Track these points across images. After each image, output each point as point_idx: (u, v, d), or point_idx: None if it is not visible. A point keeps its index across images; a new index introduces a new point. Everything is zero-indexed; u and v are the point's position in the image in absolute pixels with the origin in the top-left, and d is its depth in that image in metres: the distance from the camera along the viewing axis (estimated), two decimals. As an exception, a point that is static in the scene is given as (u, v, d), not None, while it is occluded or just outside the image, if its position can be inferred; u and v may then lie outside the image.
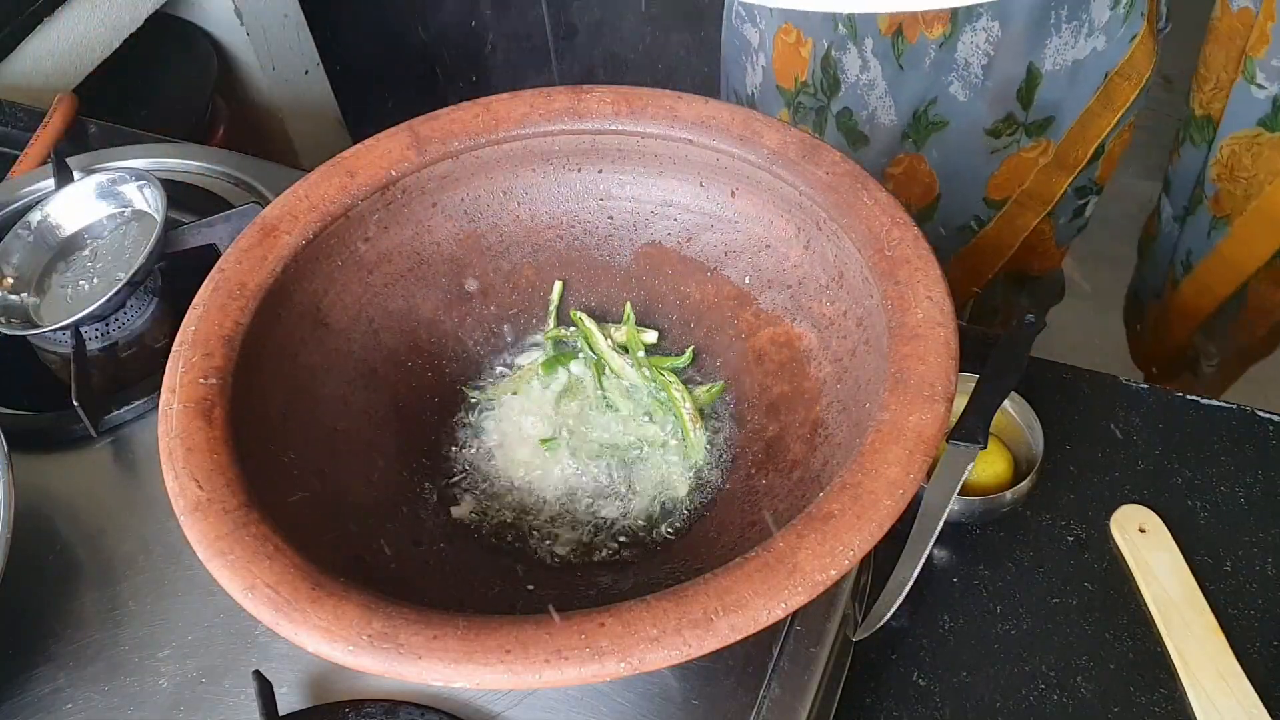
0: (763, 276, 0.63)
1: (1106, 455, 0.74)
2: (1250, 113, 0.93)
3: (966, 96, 0.93)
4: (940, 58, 0.91)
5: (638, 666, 0.41)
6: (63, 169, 0.84)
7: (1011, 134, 0.95)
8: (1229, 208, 0.99)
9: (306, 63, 1.45)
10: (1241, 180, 0.96)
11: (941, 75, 0.92)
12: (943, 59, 0.91)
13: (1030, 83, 0.91)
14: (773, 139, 0.59)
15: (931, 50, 0.90)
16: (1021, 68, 0.90)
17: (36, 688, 0.59)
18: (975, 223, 1.02)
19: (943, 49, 0.90)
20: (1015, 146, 0.96)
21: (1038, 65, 0.90)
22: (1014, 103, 0.93)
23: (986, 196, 0.99)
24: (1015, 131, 0.95)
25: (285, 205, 0.58)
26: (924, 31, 0.89)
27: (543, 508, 0.60)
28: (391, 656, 0.41)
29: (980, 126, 0.94)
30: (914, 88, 0.93)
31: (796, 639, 0.56)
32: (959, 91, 0.93)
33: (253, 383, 0.53)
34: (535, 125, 0.62)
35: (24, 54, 1.08)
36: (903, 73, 0.93)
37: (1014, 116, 0.94)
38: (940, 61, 0.91)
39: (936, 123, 0.95)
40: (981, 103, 0.93)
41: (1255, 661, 0.64)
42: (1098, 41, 0.89)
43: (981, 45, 0.89)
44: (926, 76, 0.92)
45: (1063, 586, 0.68)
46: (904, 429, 0.47)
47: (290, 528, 0.46)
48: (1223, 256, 1.01)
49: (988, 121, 0.94)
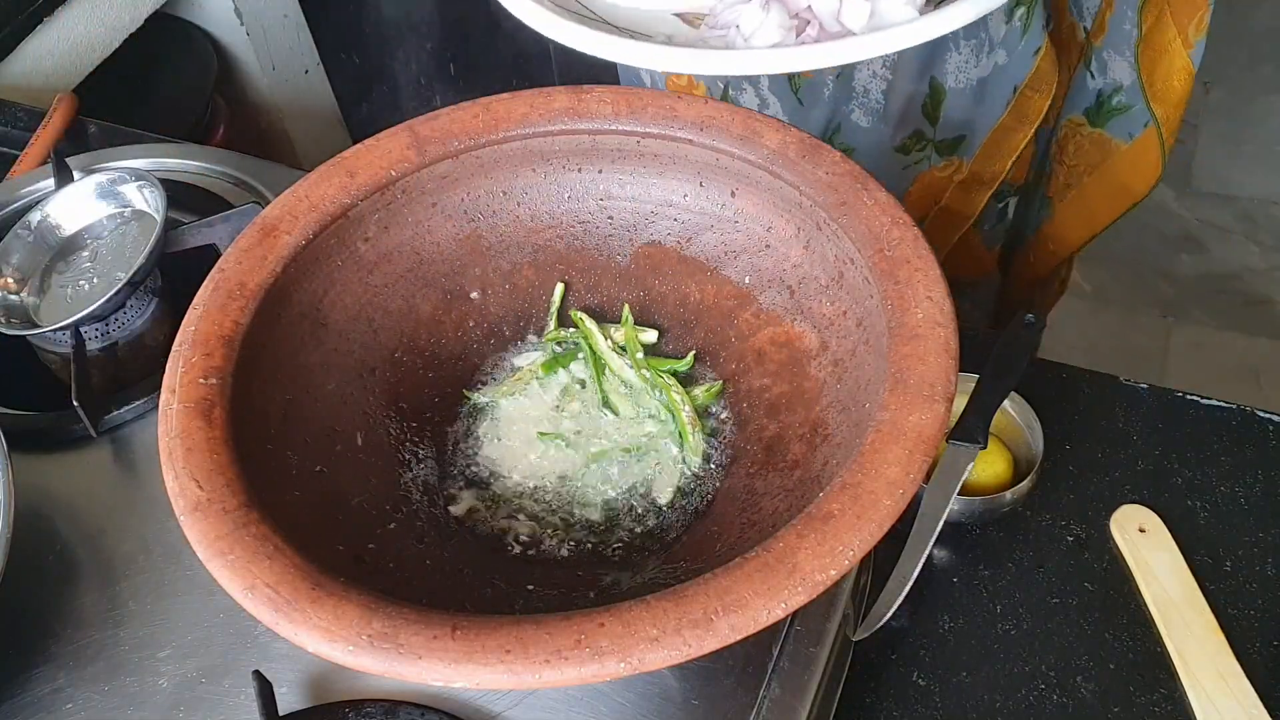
0: (763, 276, 0.63)
1: (1106, 455, 0.74)
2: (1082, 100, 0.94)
3: (869, 122, 0.93)
4: (838, 89, 0.91)
5: (638, 666, 0.41)
6: (63, 169, 0.84)
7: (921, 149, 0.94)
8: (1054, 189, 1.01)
9: (306, 63, 1.45)
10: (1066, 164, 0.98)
11: (841, 105, 0.92)
12: (840, 90, 0.91)
13: (935, 98, 0.91)
14: (773, 139, 0.59)
15: (829, 83, 0.90)
16: (924, 84, 0.90)
17: (36, 688, 0.59)
18: None
19: (839, 80, 0.90)
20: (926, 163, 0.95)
21: (940, 80, 0.90)
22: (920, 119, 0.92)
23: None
24: (925, 148, 0.94)
25: (285, 205, 0.58)
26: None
27: (542, 508, 0.60)
28: (391, 656, 0.41)
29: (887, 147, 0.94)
30: (816, 120, 0.93)
31: (796, 639, 0.56)
32: (860, 119, 0.93)
33: (253, 383, 0.53)
34: (535, 125, 0.62)
35: (24, 54, 1.08)
36: (802, 107, 0.93)
37: (922, 133, 0.93)
38: (839, 93, 0.91)
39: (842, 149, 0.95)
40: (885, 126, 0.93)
41: (1255, 661, 0.64)
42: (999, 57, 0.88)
43: (879, 71, 0.89)
44: (827, 107, 0.92)
45: (1063, 586, 0.68)
46: (904, 429, 0.47)
47: (290, 528, 0.46)
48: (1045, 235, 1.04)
49: (895, 140, 0.94)
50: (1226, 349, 1.87)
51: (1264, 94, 2.27)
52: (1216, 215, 2.07)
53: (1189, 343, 1.88)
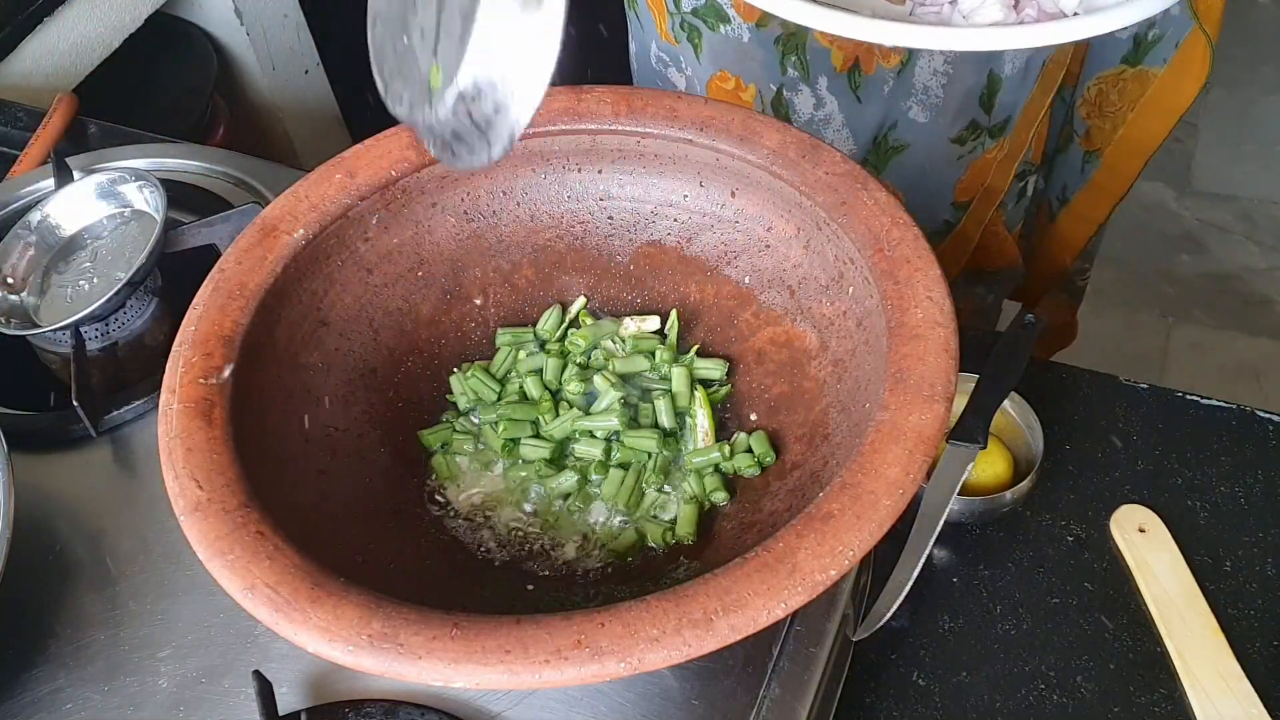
0: (763, 276, 0.63)
1: (1106, 455, 0.74)
2: (1114, 53, 0.96)
3: (927, 118, 0.93)
4: (897, 85, 0.91)
5: (638, 666, 0.41)
6: (63, 169, 0.84)
7: (976, 139, 0.96)
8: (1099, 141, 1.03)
9: (306, 63, 1.45)
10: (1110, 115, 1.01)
11: (900, 101, 0.92)
12: (900, 86, 0.91)
13: (991, 89, 0.92)
14: (772, 139, 0.59)
15: (889, 79, 0.90)
16: (982, 77, 0.91)
17: (36, 688, 0.59)
18: (945, 226, 1.03)
19: (900, 76, 0.90)
20: (979, 150, 0.97)
21: (997, 73, 0.91)
22: (977, 109, 0.93)
23: (954, 200, 1.00)
24: (979, 135, 0.96)
25: (285, 205, 0.58)
26: (880, 62, 0.90)
27: (543, 509, 0.60)
28: (391, 656, 0.41)
29: (944, 139, 0.95)
30: (873, 117, 0.93)
31: (796, 639, 0.56)
32: (918, 114, 0.93)
33: (253, 383, 0.53)
34: (535, 125, 0.61)
35: (24, 54, 1.08)
36: (861, 105, 0.92)
37: (977, 122, 0.94)
38: (898, 88, 0.91)
39: (897, 146, 0.95)
40: (943, 120, 0.94)
41: (1255, 661, 0.64)
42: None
43: (940, 67, 0.90)
44: (885, 104, 0.92)
45: (1063, 586, 0.68)
46: (904, 429, 0.47)
47: (290, 528, 0.46)
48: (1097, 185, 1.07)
49: (951, 133, 0.95)
50: (1226, 349, 1.87)
51: (1264, 94, 2.27)
52: (1216, 215, 2.07)
53: (1189, 343, 1.88)
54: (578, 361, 0.63)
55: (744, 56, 0.92)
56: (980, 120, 0.94)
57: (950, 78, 0.90)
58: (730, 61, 0.93)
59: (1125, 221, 2.07)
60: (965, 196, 1.00)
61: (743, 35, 0.90)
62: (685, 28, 0.93)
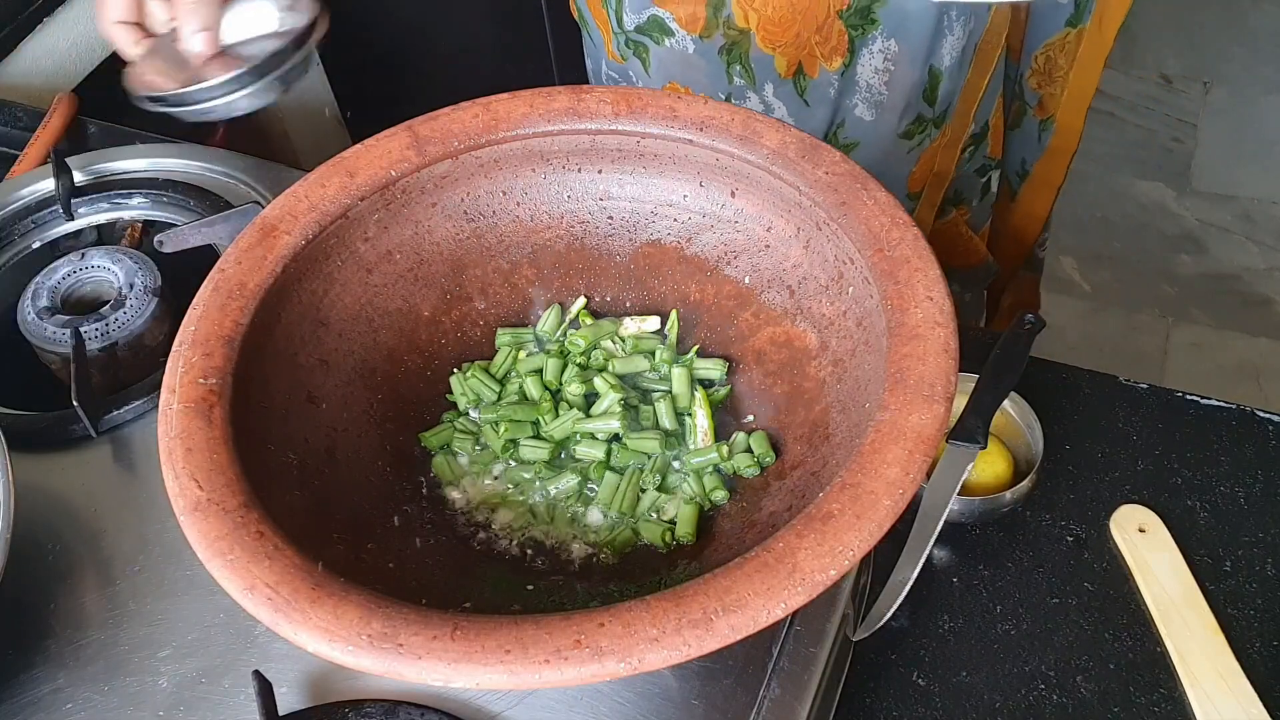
0: (763, 276, 0.63)
1: (1106, 455, 0.74)
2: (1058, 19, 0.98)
3: (873, 115, 0.95)
4: (842, 86, 0.93)
5: (638, 667, 0.41)
6: (62, 169, 0.84)
7: (923, 131, 0.98)
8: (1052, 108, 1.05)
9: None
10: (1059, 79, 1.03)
11: (846, 100, 0.94)
12: (845, 86, 0.93)
13: (933, 82, 0.94)
14: (772, 139, 0.59)
15: (834, 81, 0.92)
16: (923, 72, 0.93)
17: (36, 688, 0.59)
18: None
19: (844, 77, 0.92)
20: (928, 141, 0.99)
21: (938, 67, 0.92)
22: (921, 104, 0.95)
23: (909, 192, 1.02)
24: (925, 128, 0.97)
25: (285, 205, 0.58)
26: (824, 65, 0.91)
27: (543, 509, 0.60)
28: (391, 656, 0.41)
29: (892, 135, 0.97)
30: (821, 119, 0.95)
31: (796, 639, 0.56)
32: (865, 112, 0.95)
33: (253, 383, 0.53)
34: (535, 125, 0.62)
35: (24, 54, 1.08)
36: (809, 108, 0.94)
37: (923, 116, 0.96)
38: (843, 89, 0.93)
39: (847, 144, 0.97)
40: (889, 116, 0.95)
41: (1255, 661, 0.64)
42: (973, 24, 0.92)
43: (880, 65, 0.91)
44: (832, 105, 0.94)
45: (1063, 586, 0.69)
46: (904, 429, 0.47)
47: (290, 528, 0.46)
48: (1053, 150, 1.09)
49: (899, 128, 0.96)
50: (1226, 349, 1.87)
51: (1264, 94, 2.27)
52: (1216, 215, 2.07)
53: (1189, 343, 1.88)
54: (578, 362, 0.63)
55: (690, 67, 0.94)
56: (925, 113, 0.96)
57: (892, 75, 0.92)
58: (678, 73, 0.95)
59: (1125, 221, 2.08)
60: (918, 187, 1.02)
61: (687, 47, 0.92)
62: (631, 45, 0.95)
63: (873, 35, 0.89)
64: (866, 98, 0.93)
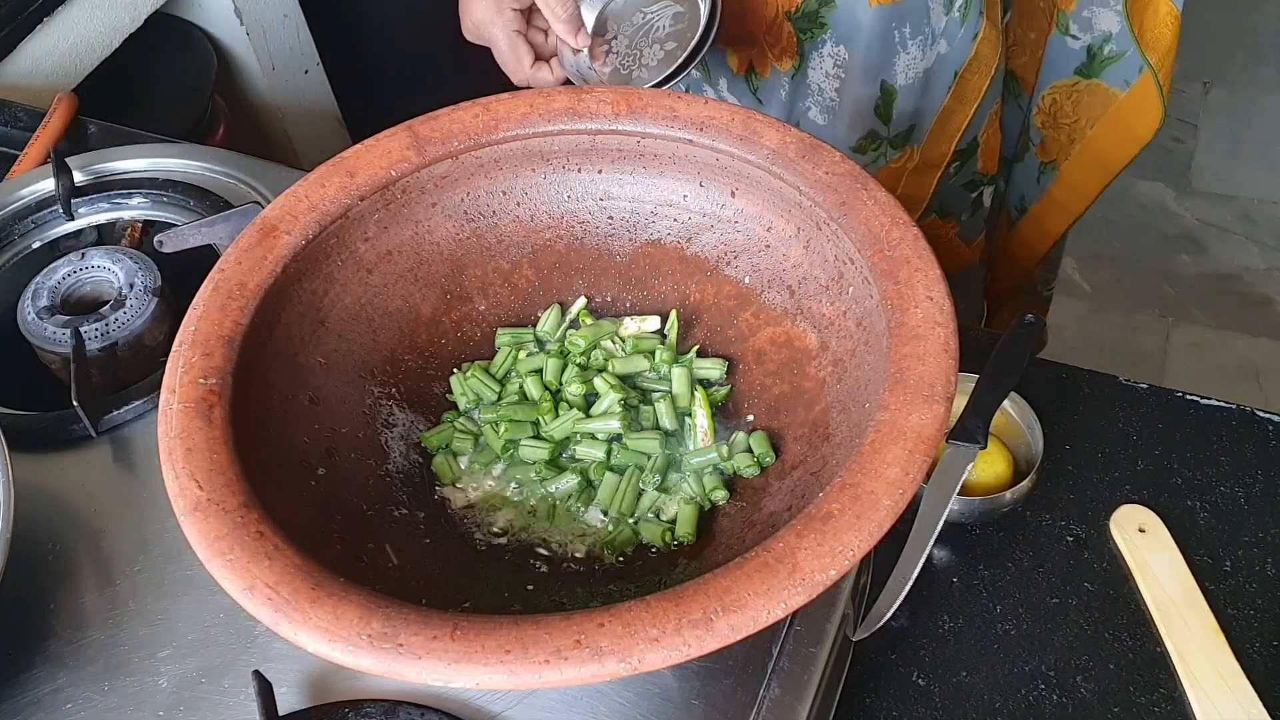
0: (763, 276, 0.63)
1: (1106, 455, 0.74)
2: (1067, 63, 0.96)
3: (826, 120, 0.95)
4: (793, 88, 0.93)
5: (638, 667, 0.41)
6: (62, 169, 0.84)
7: (877, 149, 0.97)
8: (1055, 153, 1.03)
9: (306, 63, 1.45)
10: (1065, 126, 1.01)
11: (798, 102, 0.94)
12: (796, 88, 0.93)
13: (886, 98, 0.93)
14: (772, 139, 0.59)
15: (785, 82, 0.92)
16: (875, 87, 0.92)
17: (36, 688, 0.59)
18: None
19: (795, 79, 0.92)
20: (882, 159, 0.98)
21: (890, 83, 0.92)
22: (874, 119, 0.95)
23: None
24: (880, 146, 0.97)
25: (285, 205, 0.58)
26: (775, 65, 0.91)
27: (543, 510, 0.60)
28: (391, 656, 0.41)
29: (844, 146, 0.96)
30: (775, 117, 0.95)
31: (796, 639, 0.56)
32: (817, 116, 0.95)
33: (253, 383, 0.53)
34: (535, 125, 0.62)
35: (24, 54, 1.08)
36: (761, 105, 0.95)
37: (876, 132, 0.96)
38: (794, 91, 0.93)
39: None
40: (841, 124, 0.95)
41: (1255, 661, 0.64)
42: (940, 47, 0.91)
43: (830, 70, 0.91)
44: (784, 106, 0.94)
45: (1063, 586, 0.69)
46: (904, 429, 0.47)
47: (290, 528, 0.46)
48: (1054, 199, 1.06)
49: (851, 140, 0.96)
50: (1226, 349, 1.87)
51: (1264, 94, 2.27)
52: (1216, 215, 2.07)
53: (1189, 343, 1.88)
54: (578, 362, 0.63)
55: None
56: (879, 130, 0.95)
57: (843, 82, 0.92)
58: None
59: (1125, 221, 2.08)
60: None
61: None
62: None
63: (821, 39, 0.89)
64: (819, 101, 0.94)
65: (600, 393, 0.61)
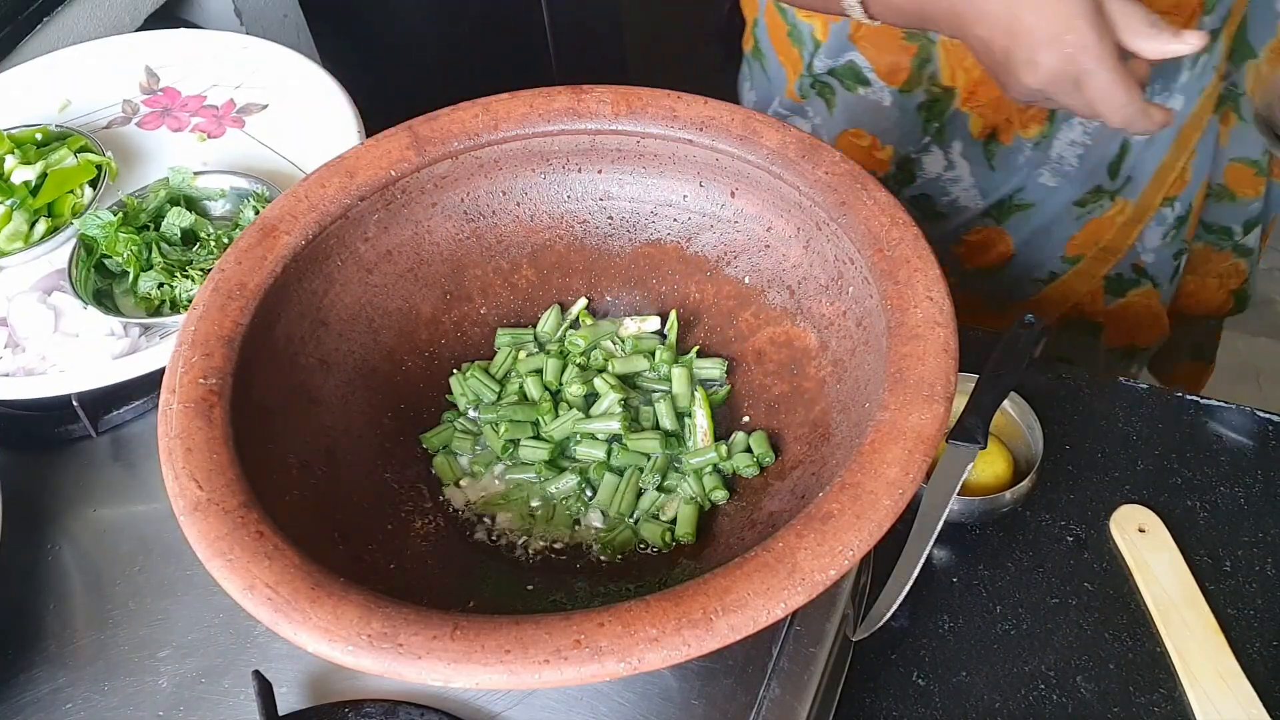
0: (763, 276, 0.63)
1: (1106, 455, 0.74)
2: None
3: (1056, 183, 0.92)
4: (1034, 155, 0.90)
5: (637, 666, 0.41)
6: (63, 169, 0.83)
7: (1097, 201, 0.94)
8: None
9: (306, 63, 1.45)
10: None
11: (1033, 169, 0.91)
12: (1037, 156, 0.90)
13: (1121, 155, 0.90)
14: (772, 139, 0.59)
15: (1027, 149, 0.89)
16: (1115, 147, 0.89)
17: (36, 688, 0.59)
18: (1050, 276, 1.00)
19: (1038, 147, 0.89)
20: (1099, 210, 0.95)
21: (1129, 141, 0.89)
22: (1104, 175, 0.92)
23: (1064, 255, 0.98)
24: (1101, 199, 0.94)
25: (285, 205, 0.58)
26: (1019, 133, 0.88)
27: (543, 510, 0.60)
28: (391, 656, 0.41)
29: (1067, 202, 0.93)
30: (1003, 181, 0.92)
31: (796, 639, 0.56)
32: (1049, 179, 0.92)
33: (253, 383, 0.53)
34: (535, 125, 0.62)
35: (24, 54, 1.08)
36: (993, 171, 0.92)
37: (1101, 187, 0.93)
38: (1034, 158, 0.90)
39: (1021, 205, 0.94)
40: (1071, 186, 0.92)
41: (1255, 661, 0.64)
42: (1176, 102, 0.88)
43: (1077, 138, 0.88)
44: (1019, 172, 0.91)
45: (1062, 586, 0.68)
46: (904, 429, 0.47)
47: (290, 528, 0.46)
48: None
49: (1075, 195, 0.93)
50: (1226, 349, 1.87)
51: None
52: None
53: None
54: (578, 362, 0.63)
55: (880, 117, 0.91)
56: (1105, 185, 0.92)
57: (1088, 149, 0.88)
58: (865, 120, 0.92)
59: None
60: (1075, 252, 0.97)
61: (883, 98, 0.90)
62: (816, 86, 0.93)
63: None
64: (1056, 168, 0.91)
65: (600, 393, 0.61)
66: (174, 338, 0.60)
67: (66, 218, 0.80)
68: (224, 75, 0.95)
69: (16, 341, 0.73)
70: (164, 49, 0.98)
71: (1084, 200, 0.93)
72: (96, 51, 0.98)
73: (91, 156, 0.84)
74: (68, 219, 0.80)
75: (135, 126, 0.91)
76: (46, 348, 0.72)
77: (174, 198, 0.80)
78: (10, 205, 0.80)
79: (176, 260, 0.76)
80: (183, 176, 0.81)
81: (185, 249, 0.78)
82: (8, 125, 0.87)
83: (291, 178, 0.84)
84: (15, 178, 0.82)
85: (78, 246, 0.76)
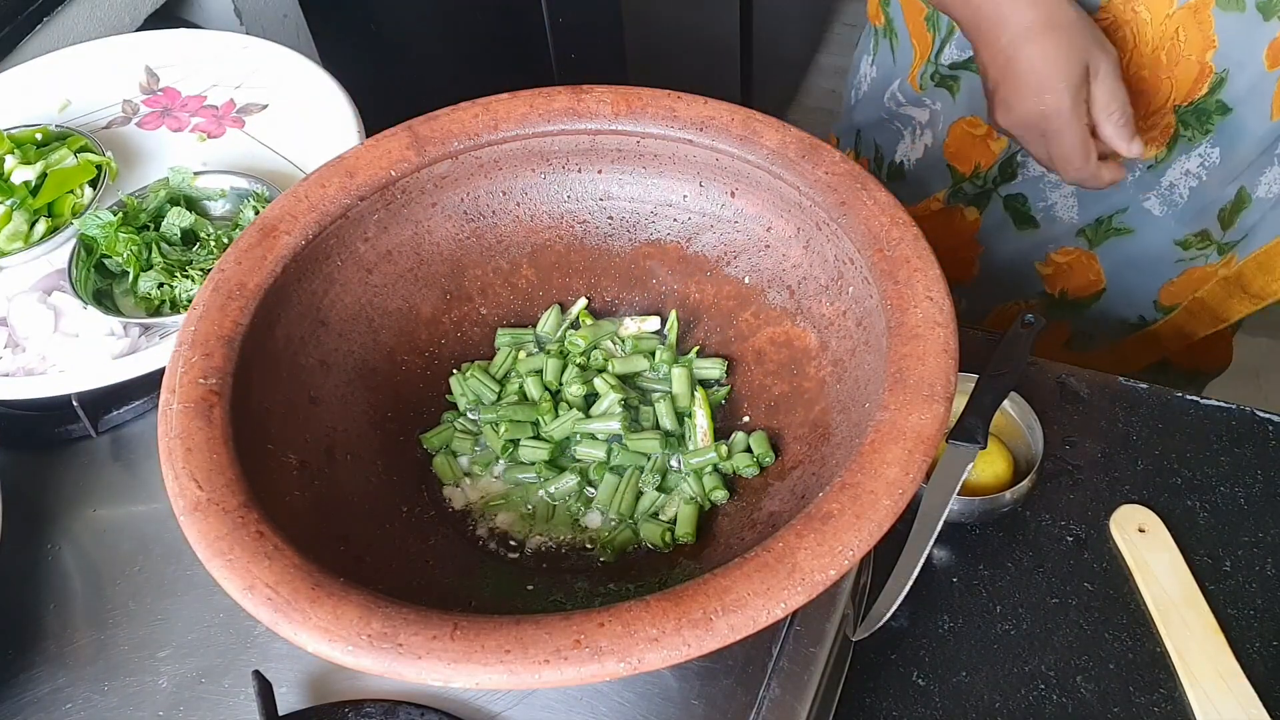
0: (763, 276, 0.63)
1: (1106, 455, 0.74)
2: None
3: (1162, 213, 0.88)
4: (1145, 177, 0.86)
5: (637, 666, 0.41)
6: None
7: (1203, 248, 0.89)
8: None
9: (306, 63, 1.45)
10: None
11: (1141, 192, 0.88)
12: (1148, 178, 0.86)
13: (1237, 205, 0.86)
14: (772, 139, 0.59)
15: (1139, 168, 0.86)
16: (1231, 191, 0.85)
17: (36, 688, 0.59)
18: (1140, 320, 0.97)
19: (1151, 170, 0.85)
20: (1203, 260, 0.90)
21: (1249, 190, 0.85)
22: (1213, 221, 0.87)
23: (1157, 300, 0.94)
24: (1207, 247, 0.89)
25: (285, 205, 0.58)
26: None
27: (543, 510, 0.60)
28: (391, 656, 0.41)
29: (1169, 238, 0.89)
30: (1106, 197, 0.89)
31: (796, 639, 0.56)
32: (1154, 207, 0.88)
33: (252, 383, 0.53)
34: (535, 125, 0.62)
35: (24, 54, 1.08)
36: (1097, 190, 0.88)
37: (1209, 233, 0.88)
38: (1144, 180, 0.87)
39: (1120, 229, 0.90)
40: (1176, 220, 0.88)
41: (1255, 661, 0.64)
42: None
43: (1194, 170, 0.84)
44: (1125, 192, 0.88)
45: (1062, 586, 0.68)
46: (903, 429, 0.47)
47: (290, 528, 0.46)
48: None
49: (1179, 234, 0.89)
50: (1227, 349, 1.87)
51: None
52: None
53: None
54: (578, 362, 0.63)
55: None
56: (1213, 232, 0.88)
57: (1201, 183, 0.85)
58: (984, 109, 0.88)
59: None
60: (1170, 301, 0.94)
61: None
62: (937, 78, 0.90)
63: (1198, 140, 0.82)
64: (1165, 195, 0.87)
65: (600, 393, 0.61)
66: (174, 338, 0.61)
67: (66, 218, 0.80)
68: (224, 75, 0.95)
69: (16, 341, 0.73)
70: (164, 49, 0.98)
71: (1187, 242, 0.89)
72: (96, 51, 0.98)
73: (91, 156, 0.84)
74: (68, 219, 0.80)
75: (135, 126, 0.91)
76: (46, 348, 0.72)
77: (174, 198, 0.80)
78: (10, 205, 0.80)
79: (176, 260, 0.76)
80: (183, 176, 0.81)
81: (185, 249, 0.78)
82: (8, 125, 0.87)
83: (291, 178, 0.84)
84: (15, 178, 0.82)
85: (78, 246, 0.76)
